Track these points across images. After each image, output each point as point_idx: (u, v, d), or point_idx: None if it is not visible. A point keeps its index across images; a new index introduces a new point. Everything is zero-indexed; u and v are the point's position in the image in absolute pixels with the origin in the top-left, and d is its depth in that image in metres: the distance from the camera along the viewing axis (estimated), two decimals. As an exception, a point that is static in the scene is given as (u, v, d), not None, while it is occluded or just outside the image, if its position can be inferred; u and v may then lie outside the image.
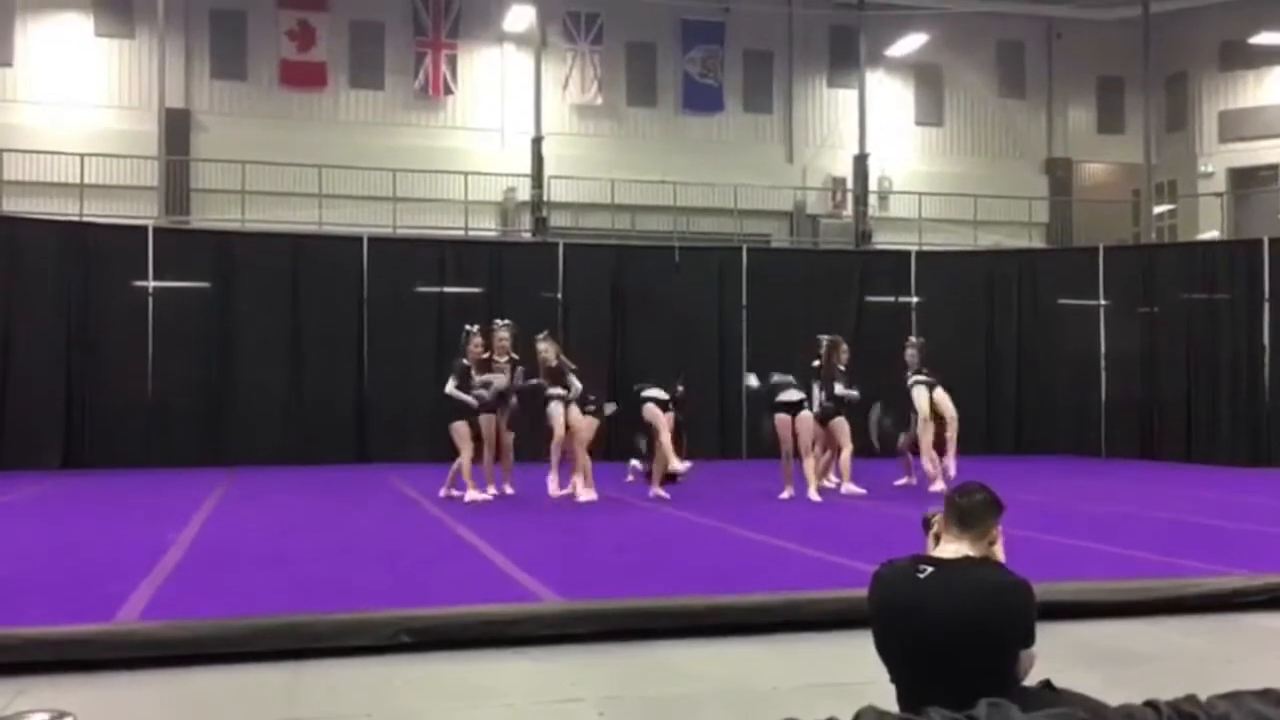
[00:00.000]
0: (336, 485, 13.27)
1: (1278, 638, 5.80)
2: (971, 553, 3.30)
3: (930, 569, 3.25)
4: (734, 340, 18.45)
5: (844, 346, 12.56)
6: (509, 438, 11.80)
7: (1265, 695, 2.69)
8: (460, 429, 11.37)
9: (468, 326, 11.78)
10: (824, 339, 12.50)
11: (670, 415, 14.40)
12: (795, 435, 11.74)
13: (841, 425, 12.22)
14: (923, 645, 3.20)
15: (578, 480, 11.50)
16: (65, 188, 18.98)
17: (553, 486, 11.52)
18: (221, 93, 21.30)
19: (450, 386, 11.38)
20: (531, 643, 5.32)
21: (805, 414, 11.81)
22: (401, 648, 5.17)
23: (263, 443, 16.42)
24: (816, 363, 12.26)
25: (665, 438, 11.72)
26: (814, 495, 11.48)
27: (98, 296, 16.17)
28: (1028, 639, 3.24)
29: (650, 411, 11.97)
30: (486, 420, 11.50)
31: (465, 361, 11.49)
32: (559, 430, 11.37)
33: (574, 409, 11.52)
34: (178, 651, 4.98)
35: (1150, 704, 2.70)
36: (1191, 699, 2.70)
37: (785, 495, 11.58)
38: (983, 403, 18.81)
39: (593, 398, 11.72)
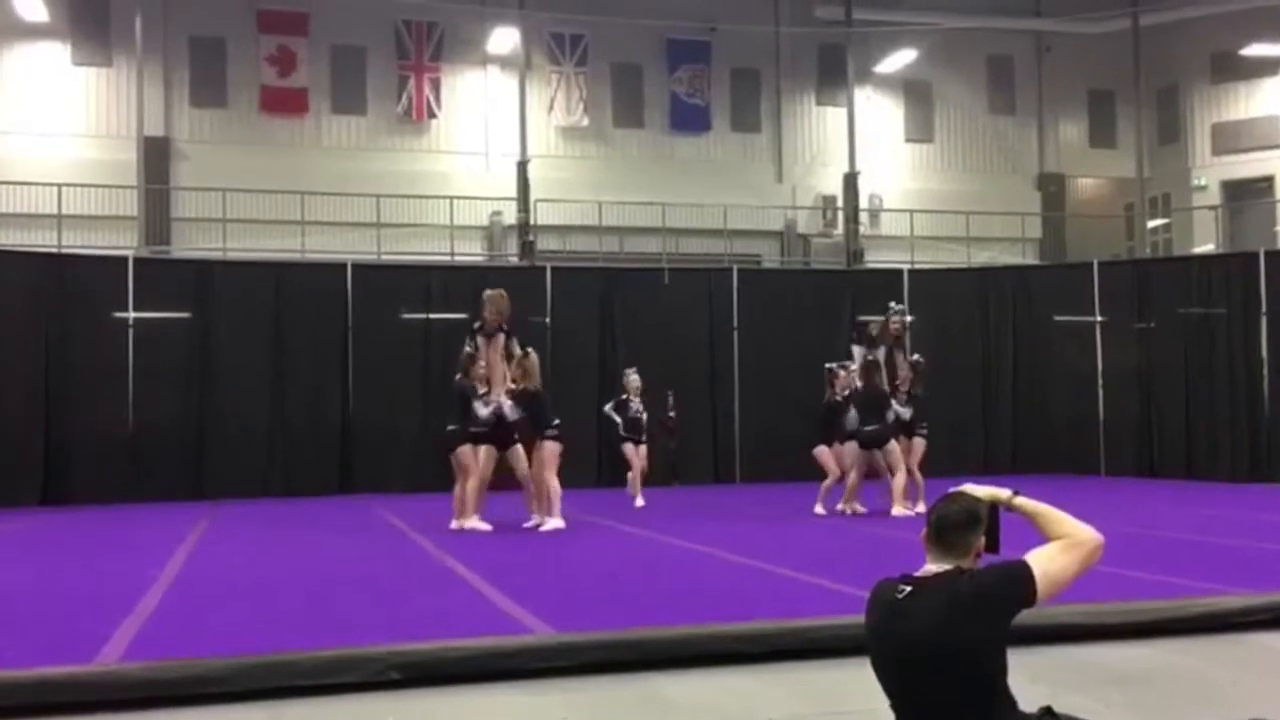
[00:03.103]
0: (321, 517, 13.09)
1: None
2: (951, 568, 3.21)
3: (909, 589, 3.18)
4: (725, 362, 18.29)
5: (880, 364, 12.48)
6: (523, 465, 11.57)
7: None
8: (464, 454, 11.18)
9: (469, 348, 11.52)
10: (851, 365, 12.69)
11: (643, 448, 14.69)
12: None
13: (891, 449, 12.15)
14: (908, 667, 3.15)
15: (534, 508, 11.38)
16: (43, 219, 18.78)
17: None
18: (201, 120, 21.08)
19: (485, 410, 11.17)
20: (523, 676, 5.21)
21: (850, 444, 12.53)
22: (390, 684, 5.05)
23: (245, 475, 16.19)
24: (845, 391, 12.61)
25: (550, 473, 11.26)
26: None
27: (77, 328, 15.94)
28: (1020, 596, 3.15)
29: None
30: (489, 449, 11.31)
31: (474, 383, 11.32)
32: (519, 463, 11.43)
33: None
34: (160, 693, 4.85)
35: None
36: None
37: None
38: (979, 422, 18.65)
39: (555, 421, 11.35)
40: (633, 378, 14.63)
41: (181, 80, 21.04)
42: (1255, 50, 23.21)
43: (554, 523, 11.02)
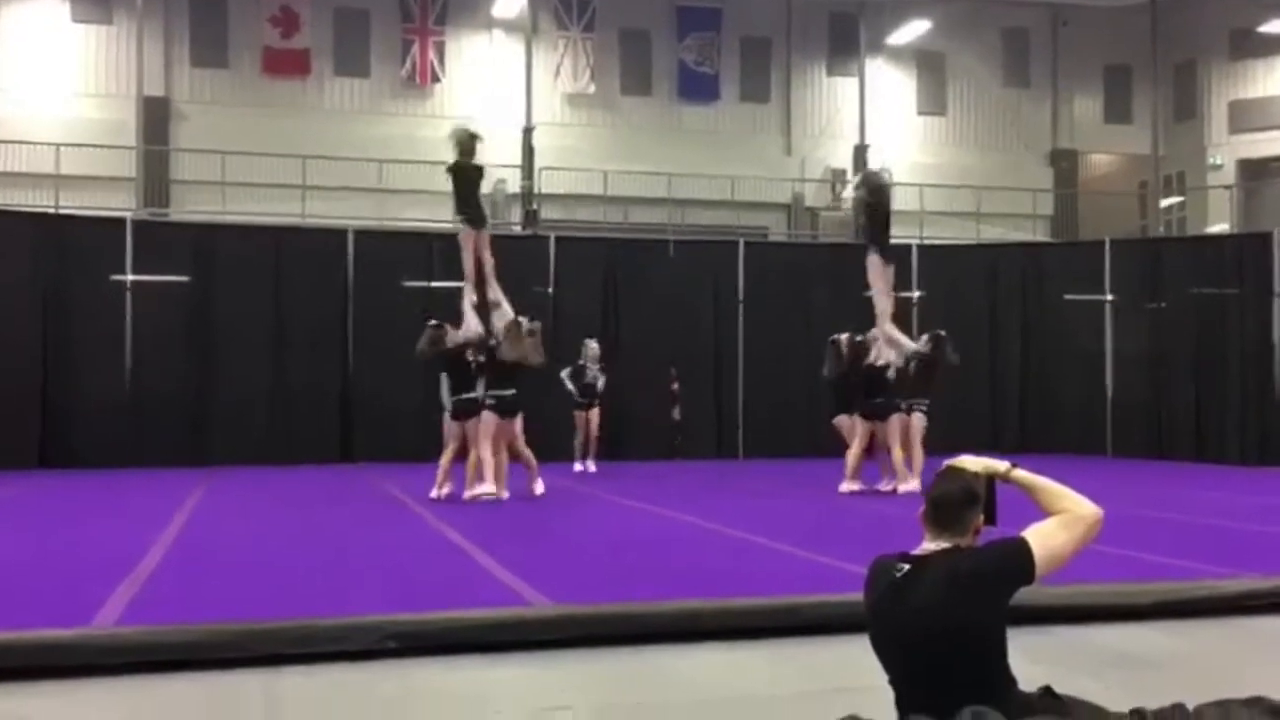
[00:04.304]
0: (320, 485, 13.03)
1: None
2: (949, 546, 3.21)
3: (907, 567, 3.19)
4: (731, 335, 18.11)
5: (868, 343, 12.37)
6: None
7: (1253, 704, 2.61)
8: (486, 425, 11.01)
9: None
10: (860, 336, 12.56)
11: (595, 411, 14.99)
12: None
13: (891, 424, 12.02)
14: (907, 645, 3.16)
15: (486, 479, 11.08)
16: (40, 179, 18.62)
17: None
18: (202, 81, 20.82)
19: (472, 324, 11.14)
20: (521, 648, 5.17)
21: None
22: (387, 653, 5.02)
23: (244, 441, 16.08)
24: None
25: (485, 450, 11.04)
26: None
27: (74, 291, 15.80)
28: (1019, 573, 3.15)
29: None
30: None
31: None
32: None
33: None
34: (156, 657, 4.83)
35: (1136, 712, 2.65)
36: (1179, 707, 2.65)
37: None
38: (986, 400, 18.49)
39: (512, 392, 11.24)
40: (592, 346, 15.07)
41: (182, 40, 20.79)
42: (1274, 27, 22.84)
43: (483, 489, 10.81)
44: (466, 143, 11.31)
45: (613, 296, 17.77)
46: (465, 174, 11.43)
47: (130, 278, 16.05)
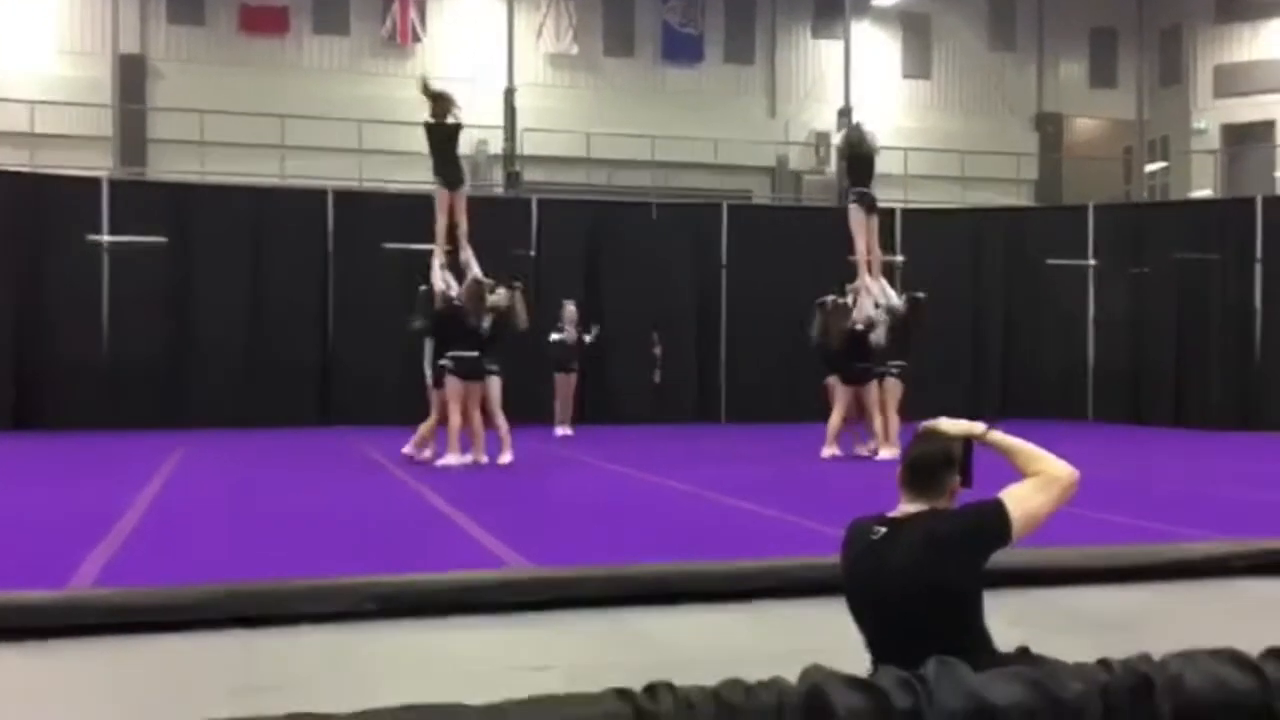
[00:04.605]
0: (300, 448, 13.00)
1: (1266, 604, 5.66)
2: (926, 508, 3.22)
3: (884, 530, 3.19)
4: (713, 299, 18.05)
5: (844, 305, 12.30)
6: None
7: (1219, 654, 2.62)
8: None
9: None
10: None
11: (574, 375, 15.01)
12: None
13: (869, 389, 11.99)
14: (884, 607, 3.17)
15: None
16: (14, 137, 18.37)
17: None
18: (178, 38, 20.49)
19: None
20: (500, 610, 5.16)
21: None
22: (366, 615, 5.01)
23: (223, 404, 15.98)
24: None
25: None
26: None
27: (49, 251, 15.62)
28: (996, 534, 3.16)
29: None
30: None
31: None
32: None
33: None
34: (132, 619, 4.82)
35: (1103, 662, 2.64)
36: (1144, 658, 2.66)
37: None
38: (968, 364, 18.49)
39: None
40: (569, 308, 15.04)
41: (159, -4, 20.44)
42: (1260, -9, 22.73)
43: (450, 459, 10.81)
44: (429, 96, 11.13)
45: (595, 260, 17.66)
46: (441, 132, 11.27)
47: (107, 238, 15.86)
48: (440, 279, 11.04)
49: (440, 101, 11.24)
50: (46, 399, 15.40)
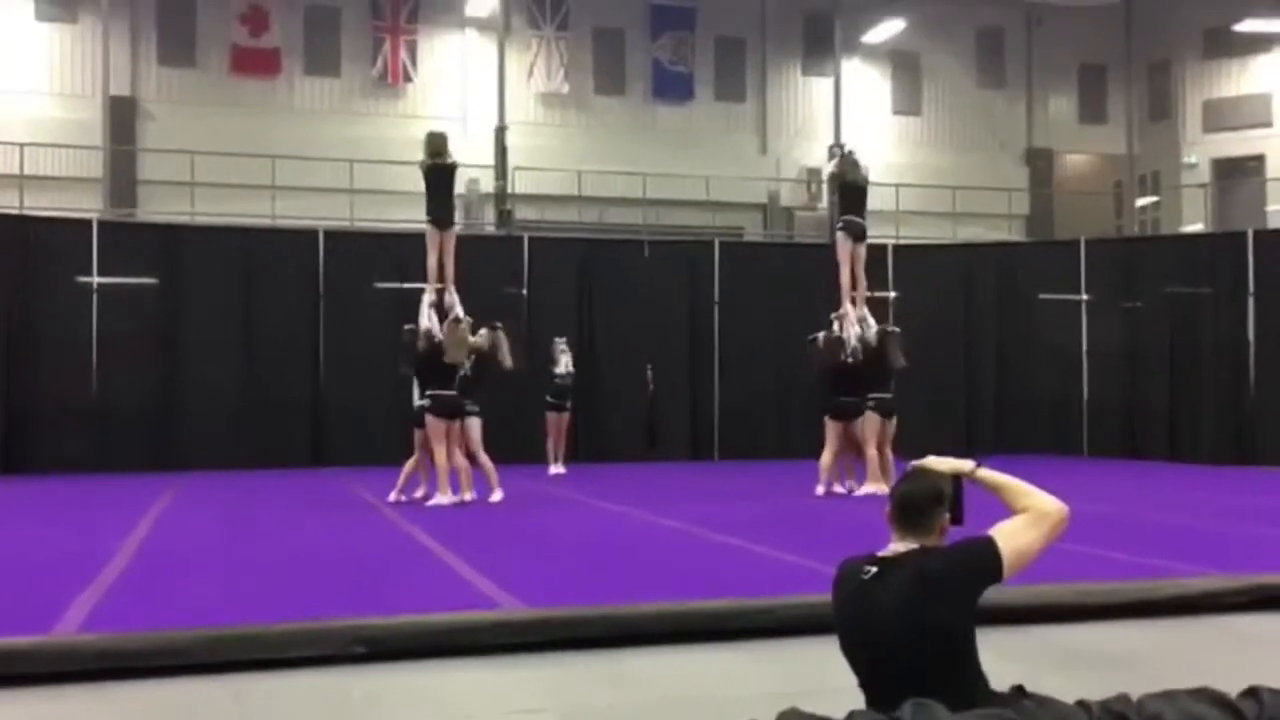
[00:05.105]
0: (290, 490, 12.92)
1: (1256, 641, 5.64)
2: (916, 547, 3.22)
3: (874, 569, 3.18)
4: (706, 337, 18.03)
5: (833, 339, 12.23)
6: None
7: (1199, 693, 2.60)
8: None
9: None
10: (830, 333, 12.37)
11: (566, 415, 15.08)
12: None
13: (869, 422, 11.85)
14: (876, 647, 3.16)
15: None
16: (4, 179, 18.30)
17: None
18: (169, 80, 20.48)
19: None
20: (492, 652, 5.14)
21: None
22: (355, 658, 4.98)
23: (212, 447, 15.87)
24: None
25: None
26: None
27: (38, 293, 15.59)
28: (987, 572, 3.15)
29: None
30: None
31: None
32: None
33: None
34: (119, 664, 4.77)
35: (1081, 704, 2.65)
36: (1123, 698, 2.66)
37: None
38: (961, 400, 18.47)
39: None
40: (561, 346, 15.10)
41: (149, 38, 20.43)
42: (1249, 26, 22.85)
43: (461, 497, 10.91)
44: (438, 144, 11.33)
45: (587, 297, 17.64)
46: (437, 173, 11.38)
47: (96, 280, 15.85)
48: (426, 317, 11.05)
49: (438, 141, 11.39)
50: (35, 441, 15.30)
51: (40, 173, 18.56)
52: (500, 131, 20.00)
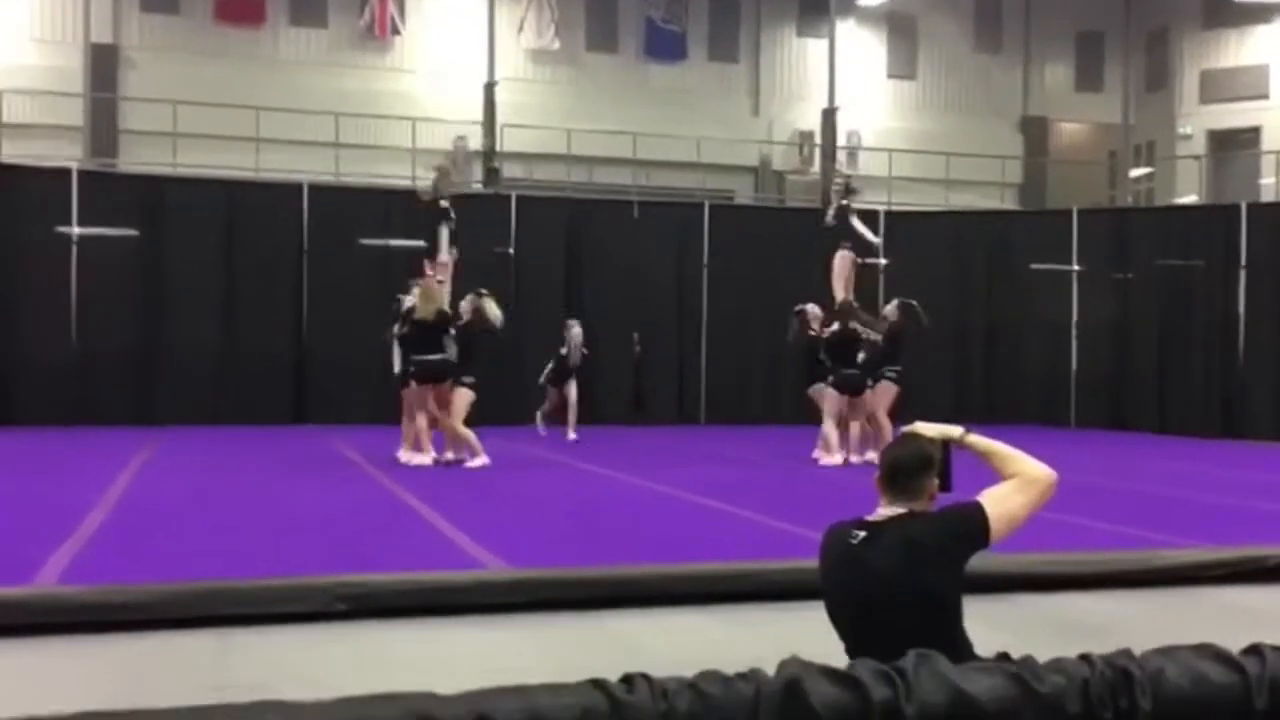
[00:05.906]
0: (273, 447, 12.88)
1: (1242, 612, 5.66)
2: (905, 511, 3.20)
3: (863, 534, 3.17)
4: (694, 300, 17.92)
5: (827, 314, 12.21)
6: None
7: (1200, 649, 2.61)
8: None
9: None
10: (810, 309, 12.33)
11: (572, 385, 14.57)
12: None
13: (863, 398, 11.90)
14: (862, 611, 3.16)
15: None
16: (-19, 126, 17.86)
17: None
18: (152, 27, 20.04)
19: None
20: (476, 612, 5.11)
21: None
22: (337, 616, 4.97)
23: (194, 401, 15.82)
24: (813, 332, 12.16)
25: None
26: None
27: (17, 243, 15.41)
28: (975, 538, 3.16)
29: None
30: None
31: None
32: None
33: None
34: (99, 618, 4.76)
35: (1084, 657, 2.67)
36: (1126, 653, 2.65)
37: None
38: (950, 370, 18.36)
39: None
40: (576, 329, 14.56)
41: (132, -17, 20.02)
42: (1247, -4, 22.59)
43: (479, 460, 10.84)
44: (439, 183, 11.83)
45: (575, 258, 17.50)
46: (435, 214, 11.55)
47: (76, 230, 15.67)
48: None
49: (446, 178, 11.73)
50: (13, 395, 15.18)
51: (19, 120, 18.24)
52: (489, 87, 19.68)
